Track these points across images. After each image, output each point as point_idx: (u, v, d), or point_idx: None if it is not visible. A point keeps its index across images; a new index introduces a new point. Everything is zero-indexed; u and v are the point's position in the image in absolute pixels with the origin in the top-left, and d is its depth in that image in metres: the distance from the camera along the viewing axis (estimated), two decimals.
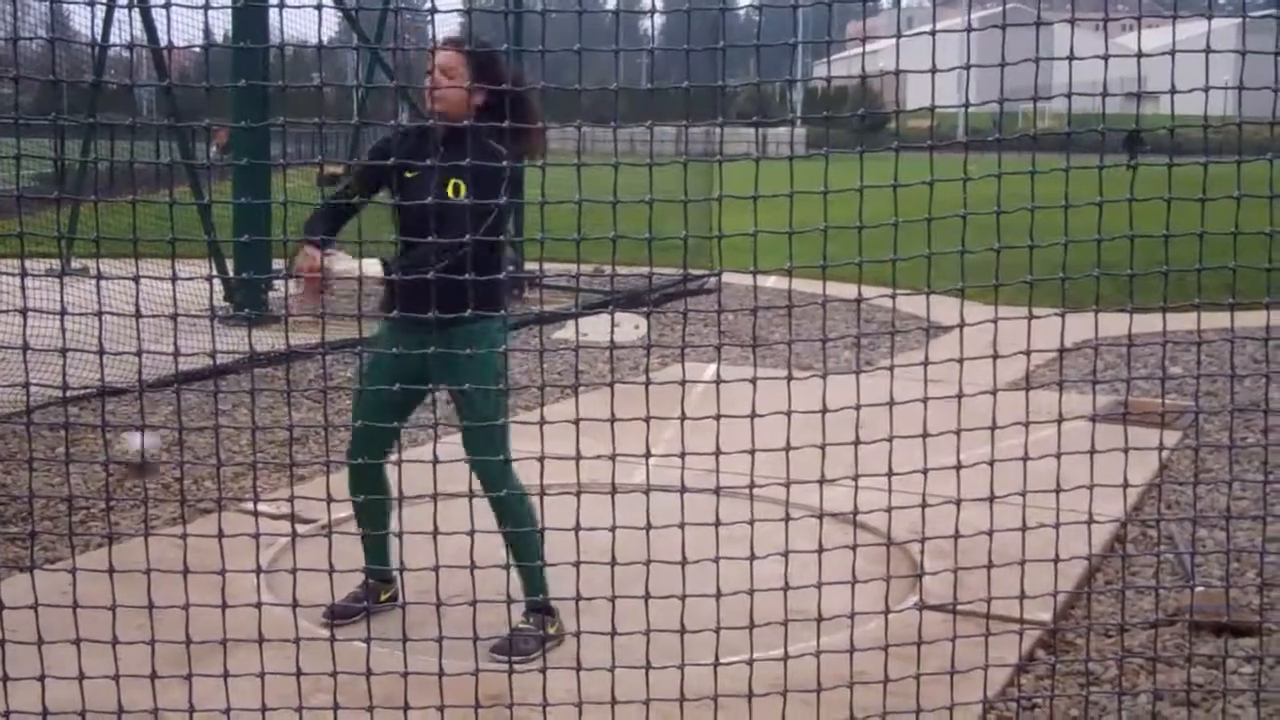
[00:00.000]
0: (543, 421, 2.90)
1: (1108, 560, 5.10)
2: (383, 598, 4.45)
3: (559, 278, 12.86)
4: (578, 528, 2.96)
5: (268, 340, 8.40)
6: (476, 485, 3.78)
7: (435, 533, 2.93)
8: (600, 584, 3.05)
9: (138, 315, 2.91)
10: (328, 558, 2.94)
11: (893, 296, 3.19)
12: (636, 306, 11.67)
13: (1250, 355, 9.46)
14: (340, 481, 4.24)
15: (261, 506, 4.33)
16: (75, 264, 11.16)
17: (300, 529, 4.89)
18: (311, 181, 12.81)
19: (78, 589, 2.91)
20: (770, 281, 13.63)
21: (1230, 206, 3.13)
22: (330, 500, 3.10)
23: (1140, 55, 2.98)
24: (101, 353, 2.97)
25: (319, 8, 3.00)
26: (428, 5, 3.18)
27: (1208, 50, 2.99)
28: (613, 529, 2.91)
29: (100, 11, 10.37)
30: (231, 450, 6.94)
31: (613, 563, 2.94)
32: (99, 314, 2.92)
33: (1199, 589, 4.60)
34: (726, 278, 12.62)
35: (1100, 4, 3.18)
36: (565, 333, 10.87)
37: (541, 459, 3.00)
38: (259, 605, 2.98)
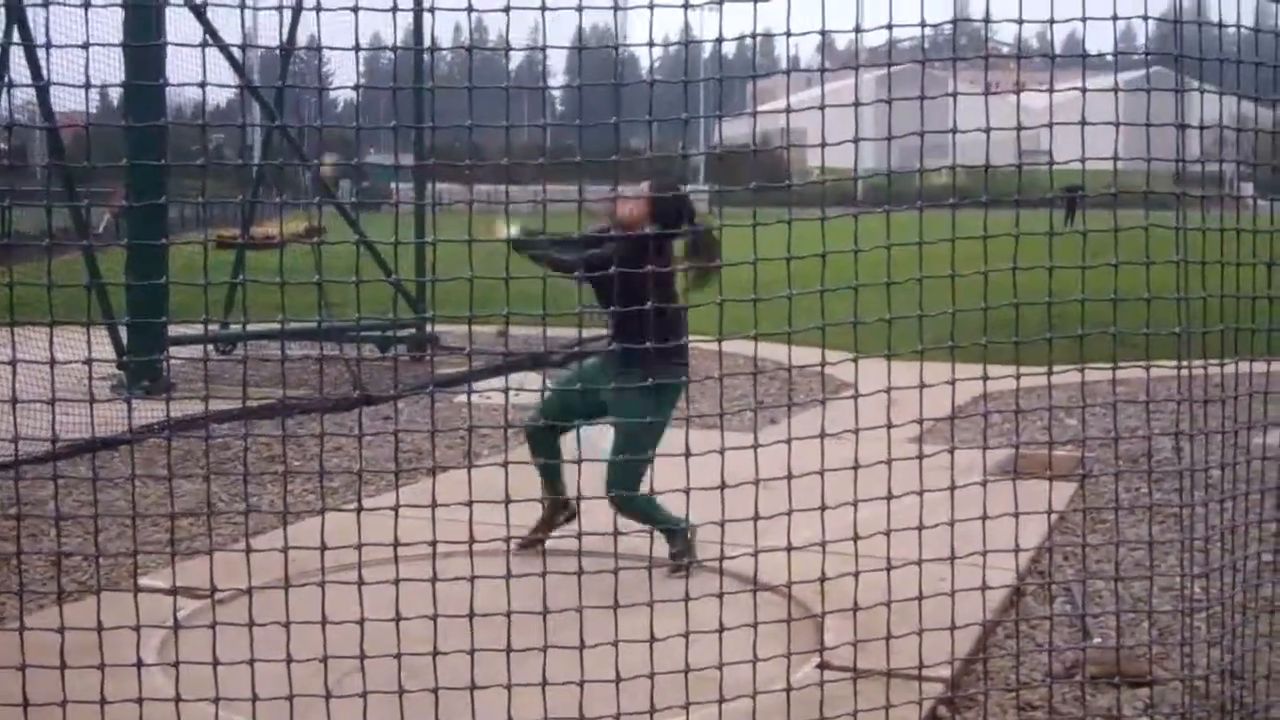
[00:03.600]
0: (434, 503, 2.85)
1: (1006, 616, 5.14)
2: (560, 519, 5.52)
3: (462, 340, 12.75)
4: (471, 613, 2.90)
5: (163, 411, 8.20)
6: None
7: (324, 622, 2.86)
8: (495, 670, 2.97)
9: (14, 401, 2.83)
10: (212, 648, 2.85)
11: (789, 367, 3.21)
12: (539, 367, 11.61)
13: (1141, 408, 9.64)
14: (227, 560, 4.12)
15: (149, 582, 4.20)
16: None
17: (190, 605, 4.74)
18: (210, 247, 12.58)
19: None
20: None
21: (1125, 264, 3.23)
22: (215, 591, 3.00)
23: (1020, 129, 3.06)
24: None
25: (202, 85, 2.96)
26: (325, 74, 3.16)
27: (1083, 122, 3.07)
28: (508, 614, 2.86)
29: None
30: (124, 524, 6.73)
31: (508, 650, 2.88)
32: None
33: (1094, 643, 4.66)
34: None
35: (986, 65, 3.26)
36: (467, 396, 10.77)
37: (433, 544, 2.93)
38: (140, 700, 2.86)
